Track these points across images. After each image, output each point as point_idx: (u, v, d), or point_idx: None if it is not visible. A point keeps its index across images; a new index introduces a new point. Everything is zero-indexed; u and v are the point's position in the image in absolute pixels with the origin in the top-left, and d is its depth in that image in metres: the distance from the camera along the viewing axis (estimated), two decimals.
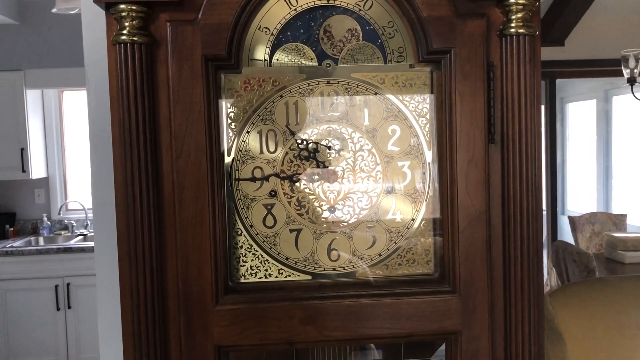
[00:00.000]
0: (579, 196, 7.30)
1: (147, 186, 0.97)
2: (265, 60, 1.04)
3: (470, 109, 1.01)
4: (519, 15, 0.98)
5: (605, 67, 5.30)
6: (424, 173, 1.08)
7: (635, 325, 2.18)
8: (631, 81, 4.15)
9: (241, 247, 1.06)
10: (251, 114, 1.04)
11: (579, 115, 7.34)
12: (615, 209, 6.51)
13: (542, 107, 5.67)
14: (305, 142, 1.06)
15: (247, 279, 1.06)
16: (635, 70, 4.13)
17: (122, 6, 0.94)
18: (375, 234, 1.08)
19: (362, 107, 1.06)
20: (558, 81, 5.81)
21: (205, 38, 0.97)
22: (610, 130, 6.86)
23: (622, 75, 4.23)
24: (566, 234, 5.71)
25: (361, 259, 1.07)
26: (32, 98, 4.80)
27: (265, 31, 1.03)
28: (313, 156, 1.06)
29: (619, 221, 5.18)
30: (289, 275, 1.06)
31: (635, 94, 4.25)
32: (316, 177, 1.06)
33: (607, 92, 6.77)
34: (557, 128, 6.05)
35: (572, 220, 5.18)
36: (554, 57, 5.29)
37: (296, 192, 1.06)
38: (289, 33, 1.04)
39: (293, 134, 1.05)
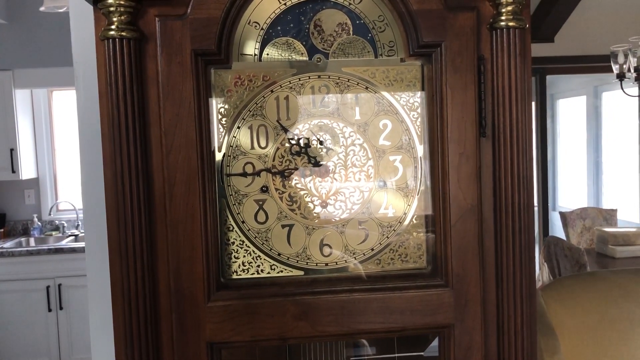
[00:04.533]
0: (570, 192, 7.34)
1: (137, 182, 0.96)
2: (255, 55, 1.04)
3: (461, 103, 1.01)
4: (509, 8, 0.98)
5: (594, 64, 5.33)
6: (415, 167, 1.08)
7: (626, 318, 2.19)
8: (620, 77, 4.17)
9: (233, 243, 1.05)
10: (242, 109, 1.04)
11: (569, 111, 7.38)
12: (606, 204, 6.55)
13: (533, 103, 5.69)
14: (296, 137, 1.05)
15: (239, 275, 1.05)
16: (624, 66, 4.15)
17: (110, 1, 0.93)
18: (368, 229, 1.07)
19: (353, 101, 1.06)
20: (548, 77, 5.83)
21: (195, 33, 0.97)
22: (600, 126, 6.90)
23: (611, 71, 4.25)
24: (557, 229, 5.74)
25: (353, 254, 1.07)
26: (21, 98, 4.76)
27: (255, 26, 1.03)
28: (304, 151, 1.06)
29: (610, 216, 5.21)
30: (282, 271, 1.06)
31: (625, 90, 4.27)
32: (308, 172, 1.06)
33: (596, 88, 6.81)
34: (548, 124, 6.08)
35: (563, 216, 5.20)
36: (543, 54, 5.31)
37: (288, 188, 1.06)
38: (279, 27, 1.03)
39: (284, 129, 1.05)
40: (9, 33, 4.64)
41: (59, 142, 5.15)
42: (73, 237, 4.76)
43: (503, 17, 0.98)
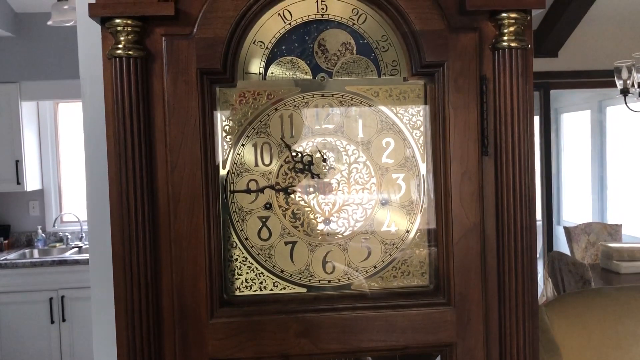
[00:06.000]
0: (574, 206, 7.32)
1: (142, 199, 0.97)
2: (260, 73, 1.05)
3: (463, 122, 1.02)
4: (511, 29, 0.99)
5: (598, 78, 5.33)
6: (418, 185, 1.08)
7: (631, 335, 2.18)
8: (624, 92, 4.17)
9: (236, 260, 1.06)
10: (246, 127, 1.05)
11: (573, 125, 7.38)
12: (611, 219, 6.53)
13: (537, 117, 5.73)
14: (300, 155, 1.06)
15: (242, 292, 1.06)
16: (627, 82, 4.15)
17: (118, 21, 0.95)
18: (370, 246, 1.08)
19: (356, 119, 1.07)
20: (552, 92, 5.83)
21: (200, 52, 0.98)
22: (604, 140, 6.90)
23: (615, 86, 4.25)
24: (562, 244, 5.72)
25: (356, 271, 1.08)
26: (27, 110, 4.79)
27: (260, 45, 1.04)
28: (308, 168, 1.06)
29: (614, 231, 5.19)
30: (284, 288, 1.06)
31: (629, 105, 4.28)
32: (311, 189, 1.07)
33: (600, 102, 6.82)
34: (552, 138, 6.07)
35: (568, 231, 5.18)
36: (547, 68, 5.32)
37: (291, 205, 1.06)
38: (283, 47, 1.05)
39: (288, 146, 1.06)
40: (16, 46, 4.69)
41: (64, 154, 5.17)
42: (77, 249, 4.76)
43: (505, 38, 1.00)
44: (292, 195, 1.06)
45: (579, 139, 7.23)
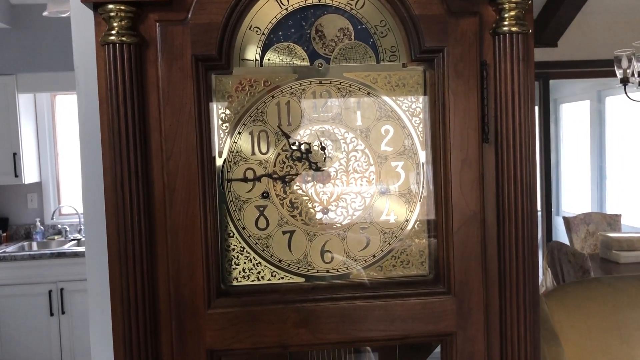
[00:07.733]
0: (574, 197, 7.31)
1: (137, 188, 0.95)
2: (256, 60, 1.03)
3: (463, 108, 1.00)
4: (512, 13, 0.98)
5: (598, 68, 5.31)
6: (417, 173, 1.07)
7: (631, 324, 2.18)
8: (624, 81, 4.15)
9: (233, 249, 1.04)
10: (242, 115, 1.03)
11: (572, 116, 7.36)
12: (610, 209, 6.52)
13: (536, 108, 5.70)
14: (297, 143, 1.04)
15: (240, 281, 1.04)
16: (627, 71, 4.13)
17: (111, 6, 0.93)
18: (369, 235, 1.07)
19: (354, 107, 1.05)
20: (551, 82, 5.81)
21: (195, 38, 0.96)
22: (603, 130, 6.88)
23: (615, 75, 4.23)
24: (561, 234, 5.72)
25: (355, 260, 1.06)
26: (25, 102, 4.76)
27: (256, 31, 1.02)
28: (305, 157, 1.05)
29: (614, 221, 5.18)
30: (282, 278, 1.05)
31: (628, 95, 4.26)
32: (309, 178, 1.05)
33: (600, 92, 6.79)
34: (551, 129, 6.06)
35: (567, 221, 5.18)
36: (547, 58, 5.30)
37: (289, 194, 1.05)
38: (280, 33, 1.03)
39: (285, 134, 1.04)
40: (12, 38, 4.65)
41: (62, 146, 5.15)
42: (75, 242, 4.75)
43: (506, 22, 0.98)
44: (289, 184, 1.05)
45: (578, 129, 7.21)
